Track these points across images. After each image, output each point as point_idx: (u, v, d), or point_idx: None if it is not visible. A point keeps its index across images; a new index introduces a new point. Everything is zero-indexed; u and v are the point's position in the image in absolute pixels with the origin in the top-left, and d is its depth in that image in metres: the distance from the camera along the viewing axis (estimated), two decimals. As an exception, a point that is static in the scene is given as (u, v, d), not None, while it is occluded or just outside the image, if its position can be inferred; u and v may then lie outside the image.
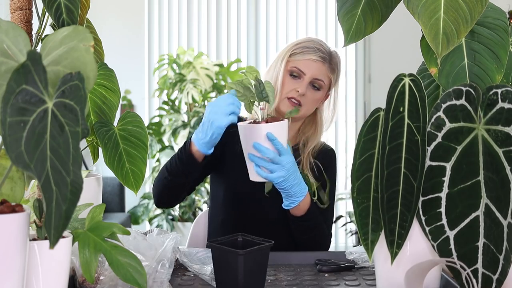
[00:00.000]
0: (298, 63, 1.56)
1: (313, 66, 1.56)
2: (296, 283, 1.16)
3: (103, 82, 1.27)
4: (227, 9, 4.68)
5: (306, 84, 1.55)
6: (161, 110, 4.34)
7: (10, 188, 0.83)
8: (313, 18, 4.71)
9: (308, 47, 1.57)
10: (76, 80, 0.69)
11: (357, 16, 0.98)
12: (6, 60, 0.70)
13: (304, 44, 1.58)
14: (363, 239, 0.93)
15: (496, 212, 0.87)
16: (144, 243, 1.13)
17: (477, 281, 0.87)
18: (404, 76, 0.91)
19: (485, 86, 0.91)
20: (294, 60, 1.56)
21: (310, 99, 1.57)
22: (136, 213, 4.31)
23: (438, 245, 0.89)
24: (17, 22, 1.10)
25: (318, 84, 1.57)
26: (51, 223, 0.62)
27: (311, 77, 1.55)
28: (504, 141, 0.86)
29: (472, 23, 0.91)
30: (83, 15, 1.20)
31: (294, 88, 1.55)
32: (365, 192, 0.93)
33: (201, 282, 1.16)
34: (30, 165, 0.61)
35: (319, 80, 1.56)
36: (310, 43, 1.59)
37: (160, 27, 4.66)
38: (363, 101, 4.69)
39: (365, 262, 1.27)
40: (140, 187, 1.26)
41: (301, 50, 1.57)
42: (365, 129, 0.94)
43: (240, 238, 1.15)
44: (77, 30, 0.74)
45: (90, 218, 0.95)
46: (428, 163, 0.89)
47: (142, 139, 1.26)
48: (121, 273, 0.90)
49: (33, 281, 0.82)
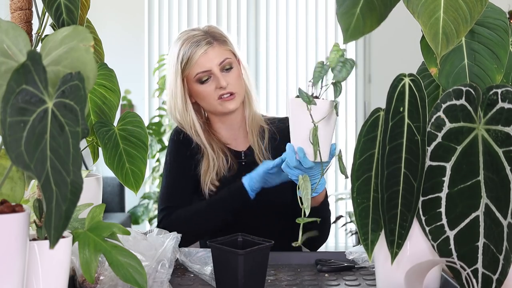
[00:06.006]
0: (196, 68, 1.50)
1: (210, 56, 1.50)
2: (296, 283, 1.16)
3: (103, 82, 1.27)
4: (227, 9, 4.67)
5: (220, 75, 1.49)
6: (161, 110, 4.33)
7: (10, 188, 0.83)
8: (313, 18, 4.70)
9: (190, 47, 1.50)
10: (76, 80, 0.69)
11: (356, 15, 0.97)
12: (6, 60, 0.70)
13: (184, 48, 1.51)
14: (363, 239, 0.93)
15: (496, 212, 0.87)
16: (144, 243, 1.13)
17: (477, 281, 0.87)
18: (404, 76, 0.91)
19: (485, 86, 0.91)
20: (190, 68, 1.50)
21: (233, 82, 1.52)
22: (136, 213, 4.31)
23: (438, 245, 0.89)
24: (17, 22, 1.10)
25: (227, 64, 1.51)
26: (51, 223, 0.62)
27: (217, 65, 1.50)
28: (504, 141, 0.86)
29: (472, 23, 0.91)
30: (83, 15, 1.20)
31: (215, 87, 1.50)
32: (365, 192, 0.93)
33: (201, 282, 1.16)
34: (30, 165, 0.61)
35: (224, 61, 1.51)
36: (187, 43, 1.51)
37: (160, 27, 4.65)
38: (363, 101, 4.69)
39: (365, 262, 1.27)
40: (140, 187, 1.26)
41: (188, 54, 1.50)
42: (365, 129, 0.94)
43: (240, 238, 1.15)
44: (77, 30, 0.74)
45: (90, 218, 0.95)
46: (428, 163, 0.89)
47: (142, 139, 1.26)
48: (121, 273, 0.90)
49: (33, 281, 0.82)
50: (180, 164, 1.58)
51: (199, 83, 1.51)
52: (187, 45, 1.51)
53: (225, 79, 1.50)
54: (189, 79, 1.52)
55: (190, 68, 1.51)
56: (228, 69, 1.52)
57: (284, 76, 4.68)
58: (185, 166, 1.57)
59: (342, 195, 4.55)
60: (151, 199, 4.32)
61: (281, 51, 4.69)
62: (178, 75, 1.52)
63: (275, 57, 4.68)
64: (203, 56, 1.50)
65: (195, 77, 1.51)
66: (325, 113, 1.08)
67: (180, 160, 1.58)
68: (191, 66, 1.50)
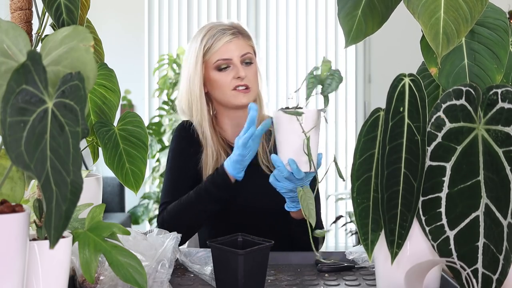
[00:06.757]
0: (218, 54, 1.51)
1: (233, 46, 1.51)
2: (296, 283, 1.16)
3: (103, 82, 1.27)
4: (227, 9, 4.68)
5: (240, 66, 1.50)
6: (161, 110, 4.34)
7: (10, 188, 0.83)
8: (313, 19, 4.70)
9: (215, 34, 1.51)
10: (76, 80, 0.69)
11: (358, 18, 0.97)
12: (6, 60, 0.70)
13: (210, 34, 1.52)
14: (363, 239, 0.93)
15: (496, 212, 0.87)
16: (144, 243, 1.13)
17: (477, 281, 0.87)
18: (404, 76, 0.91)
19: (485, 86, 0.91)
20: (212, 54, 1.51)
21: (251, 77, 1.53)
22: (136, 213, 4.31)
23: (438, 245, 0.89)
24: (17, 22, 1.10)
25: (248, 58, 1.53)
26: (51, 223, 0.62)
27: (239, 56, 1.51)
28: (504, 141, 0.86)
29: (472, 23, 0.91)
30: (83, 15, 1.20)
31: (233, 77, 1.50)
32: (365, 192, 0.93)
33: (201, 282, 1.16)
34: (30, 165, 0.61)
35: (246, 54, 1.52)
36: (213, 30, 1.53)
37: (160, 27, 4.66)
38: (363, 101, 4.69)
39: (365, 262, 1.27)
40: (140, 187, 1.26)
41: (212, 41, 1.51)
42: (365, 129, 0.94)
43: (240, 238, 1.15)
44: (77, 30, 0.74)
45: (90, 218, 0.95)
46: (428, 163, 0.89)
47: (142, 139, 1.26)
48: (121, 273, 0.90)
49: (33, 281, 0.82)
50: (182, 161, 1.57)
51: (217, 70, 1.51)
52: (213, 31, 1.52)
53: (244, 71, 1.50)
54: (208, 65, 1.52)
55: (211, 54, 1.51)
56: (248, 63, 1.53)
57: (284, 76, 4.68)
58: (187, 164, 1.57)
59: (342, 195, 4.55)
60: (151, 199, 4.32)
61: (281, 51, 4.69)
62: (199, 59, 1.52)
63: (275, 57, 4.68)
64: (226, 45, 1.51)
65: (214, 63, 1.51)
66: (315, 122, 1.10)
67: (183, 158, 1.58)
68: (213, 52, 1.51)
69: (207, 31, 1.53)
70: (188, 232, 1.48)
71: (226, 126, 1.62)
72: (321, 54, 4.69)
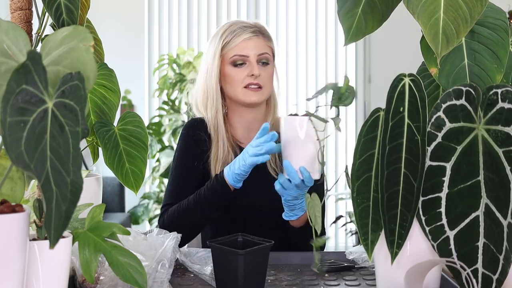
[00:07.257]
0: (235, 50, 1.51)
1: (252, 44, 1.51)
2: (296, 283, 1.16)
3: (103, 82, 1.27)
4: (227, 9, 4.68)
5: (255, 65, 1.50)
6: (161, 110, 4.34)
7: (10, 188, 0.83)
8: (313, 18, 4.70)
9: (235, 30, 1.52)
10: (76, 80, 0.69)
11: (358, 16, 0.97)
12: (6, 60, 0.70)
13: (230, 29, 1.53)
14: (363, 239, 0.93)
15: (496, 212, 0.87)
16: (144, 243, 1.13)
17: (477, 281, 0.87)
18: (404, 76, 0.91)
19: (485, 86, 0.91)
20: (230, 49, 1.51)
21: (266, 77, 1.53)
22: (136, 213, 4.31)
23: (438, 245, 0.89)
24: (17, 22, 1.10)
25: (265, 58, 1.53)
26: (51, 223, 0.62)
27: (256, 55, 1.51)
28: (504, 141, 0.86)
29: (472, 23, 0.91)
30: (83, 15, 1.20)
31: (247, 74, 1.50)
32: (365, 192, 0.93)
33: (201, 282, 1.16)
34: (30, 165, 0.61)
35: (263, 54, 1.52)
36: (234, 26, 1.53)
37: (160, 27, 4.66)
38: (363, 101, 4.69)
39: (365, 262, 1.27)
40: (140, 187, 1.25)
41: (231, 36, 1.51)
42: (365, 129, 0.93)
43: (240, 238, 1.15)
44: (77, 30, 0.74)
45: (90, 218, 0.95)
46: (428, 163, 0.89)
47: (142, 139, 1.26)
48: (121, 273, 0.90)
49: (33, 281, 0.82)
50: (188, 162, 1.56)
51: (232, 65, 1.51)
52: (234, 27, 1.53)
53: (258, 70, 1.50)
54: (225, 59, 1.52)
55: (229, 49, 1.51)
56: (265, 63, 1.53)
57: (284, 77, 4.67)
58: (193, 163, 1.55)
59: (342, 195, 4.55)
60: (151, 199, 4.32)
61: (281, 51, 4.69)
62: (217, 53, 1.52)
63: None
64: (245, 41, 1.51)
65: (231, 58, 1.51)
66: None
67: (190, 157, 1.56)
68: (231, 47, 1.51)
69: (229, 26, 1.54)
70: (189, 235, 1.48)
71: (236, 125, 1.61)
72: (321, 54, 4.69)
